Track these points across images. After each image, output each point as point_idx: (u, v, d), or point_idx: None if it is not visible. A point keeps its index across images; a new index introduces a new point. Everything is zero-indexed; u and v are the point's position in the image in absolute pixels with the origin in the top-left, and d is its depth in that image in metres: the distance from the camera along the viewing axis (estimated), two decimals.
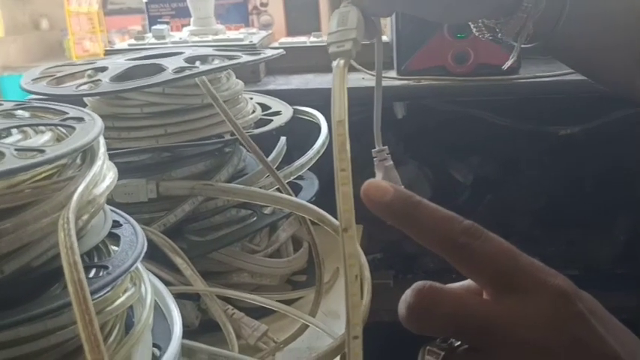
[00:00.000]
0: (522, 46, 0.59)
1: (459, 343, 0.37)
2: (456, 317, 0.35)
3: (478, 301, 0.37)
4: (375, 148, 0.63)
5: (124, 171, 0.60)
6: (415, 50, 0.98)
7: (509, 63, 0.63)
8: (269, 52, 0.75)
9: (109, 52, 0.93)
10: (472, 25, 0.63)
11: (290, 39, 1.11)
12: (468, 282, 0.39)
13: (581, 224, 1.14)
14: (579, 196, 1.14)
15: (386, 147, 0.65)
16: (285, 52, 0.77)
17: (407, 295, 0.36)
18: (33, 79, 0.68)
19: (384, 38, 1.04)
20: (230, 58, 0.71)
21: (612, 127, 1.04)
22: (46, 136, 0.45)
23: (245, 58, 0.71)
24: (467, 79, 0.96)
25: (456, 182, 1.19)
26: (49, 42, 3.76)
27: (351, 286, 0.37)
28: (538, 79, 0.97)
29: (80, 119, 0.48)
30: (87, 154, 0.46)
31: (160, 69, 0.66)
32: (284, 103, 0.84)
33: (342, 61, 0.45)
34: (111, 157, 0.49)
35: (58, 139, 0.46)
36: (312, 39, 1.07)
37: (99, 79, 0.65)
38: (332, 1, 1.16)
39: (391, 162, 0.65)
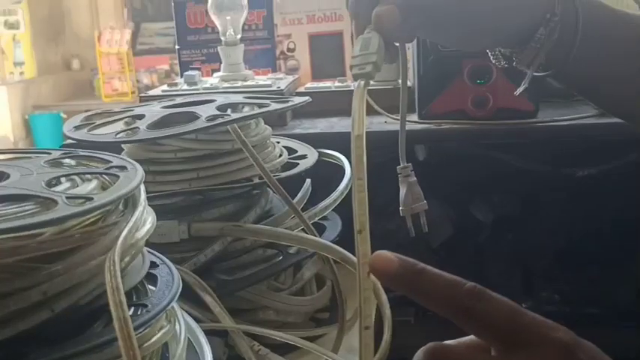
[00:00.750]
0: (535, 74, 0.62)
1: None
2: None
3: (486, 358, 0.39)
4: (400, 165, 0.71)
5: (158, 212, 0.64)
6: (436, 95, 1.01)
7: (520, 89, 0.66)
8: (296, 100, 0.79)
9: (144, 99, 0.98)
10: (489, 53, 0.66)
11: (316, 83, 1.15)
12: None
13: (600, 263, 1.15)
14: (598, 235, 1.15)
15: (410, 164, 0.71)
16: (311, 100, 0.81)
17: (418, 357, 0.39)
18: (75, 127, 0.73)
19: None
20: (260, 106, 0.76)
21: (628, 169, 1.07)
22: (92, 184, 0.49)
23: (274, 106, 0.75)
24: (486, 122, 0.99)
25: (477, 221, 1.21)
26: (79, 81, 3.88)
27: (363, 281, 0.40)
28: (556, 123, 1.00)
29: (123, 168, 0.52)
30: (129, 201, 0.50)
31: (194, 117, 0.71)
32: (309, 146, 0.88)
33: (362, 82, 0.49)
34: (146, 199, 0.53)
35: (103, 187, 0.50)
36: (337, 84, 1.11)
37: (137, 127, 0.70)
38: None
39: (414, 178, 0.71)
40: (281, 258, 0.77)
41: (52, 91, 3.70)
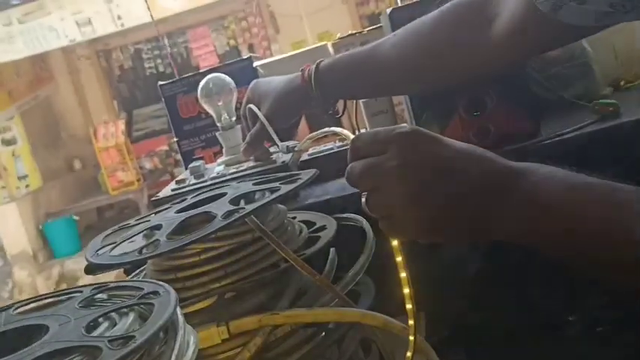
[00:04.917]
0: None
1: None
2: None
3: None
4: None
5: (193, 318, 0.64)
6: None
7: None
8: (304, 177, 0.80)
9: (155, 203, 0.99)
10: None
11: (317, 147, 1.16)
12: None
13: None
14: None
15: None
16: (318, 172, 0.82)
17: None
18: (97, 251, 0.73)
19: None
20: (271, 190, 0.76)
21: None
22: (130, 318, 0.50)
23: (284, 188, 0.76)
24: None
25: None
26: (84, 180, 3.92)
27: None
28: (560, 138, 1.00)
29: (156, 293, 0.52)
30: (169, 326, 0.50)
31: (210, 217, 0.71)
32: (326, 216, 0.88)
33: None
34: (180, 307, 0.53)
35: (141, 317, 0.50)
36: (338, 143, 1.12)
37: (157, 239, 0.70)
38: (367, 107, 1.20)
39: None
40: (324, 334, 0.77)
41: (61, 196, 3.74)
